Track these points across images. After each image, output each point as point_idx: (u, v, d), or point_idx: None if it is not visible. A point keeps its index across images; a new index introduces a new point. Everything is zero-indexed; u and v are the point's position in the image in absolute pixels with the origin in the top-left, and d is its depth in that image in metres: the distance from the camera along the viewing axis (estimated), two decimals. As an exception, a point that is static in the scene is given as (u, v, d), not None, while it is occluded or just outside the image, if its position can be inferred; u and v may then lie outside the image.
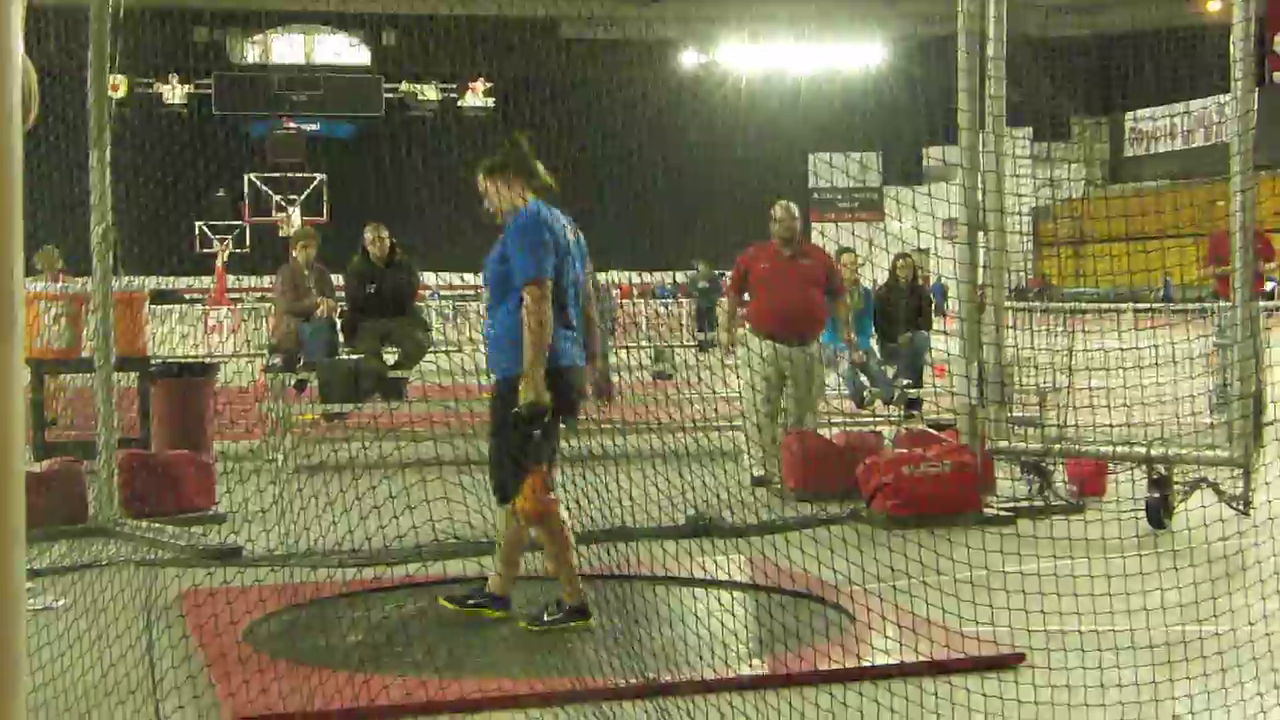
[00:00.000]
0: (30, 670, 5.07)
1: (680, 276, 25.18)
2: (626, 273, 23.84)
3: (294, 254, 12.47)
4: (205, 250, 41.43)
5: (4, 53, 1.49)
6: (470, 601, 6.37)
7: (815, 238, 22.93)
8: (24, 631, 1.82)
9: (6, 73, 1.53)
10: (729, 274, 11.70)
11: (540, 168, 6.31)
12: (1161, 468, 8.60)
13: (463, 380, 10.60)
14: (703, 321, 25.25)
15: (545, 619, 6.15)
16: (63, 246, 11.78)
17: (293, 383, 12.01)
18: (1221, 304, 11.85)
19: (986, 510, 8.85)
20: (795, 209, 10.74)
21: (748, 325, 10.64)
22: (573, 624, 6.10)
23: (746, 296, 10.87)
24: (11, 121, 1.52)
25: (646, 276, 25.38)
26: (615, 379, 12.79)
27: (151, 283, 11.65)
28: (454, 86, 50.13)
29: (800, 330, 10.38)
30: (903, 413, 12.75)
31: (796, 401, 10.42)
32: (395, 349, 11.84)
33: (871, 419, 12.45)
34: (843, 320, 11.35)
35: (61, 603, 6.51)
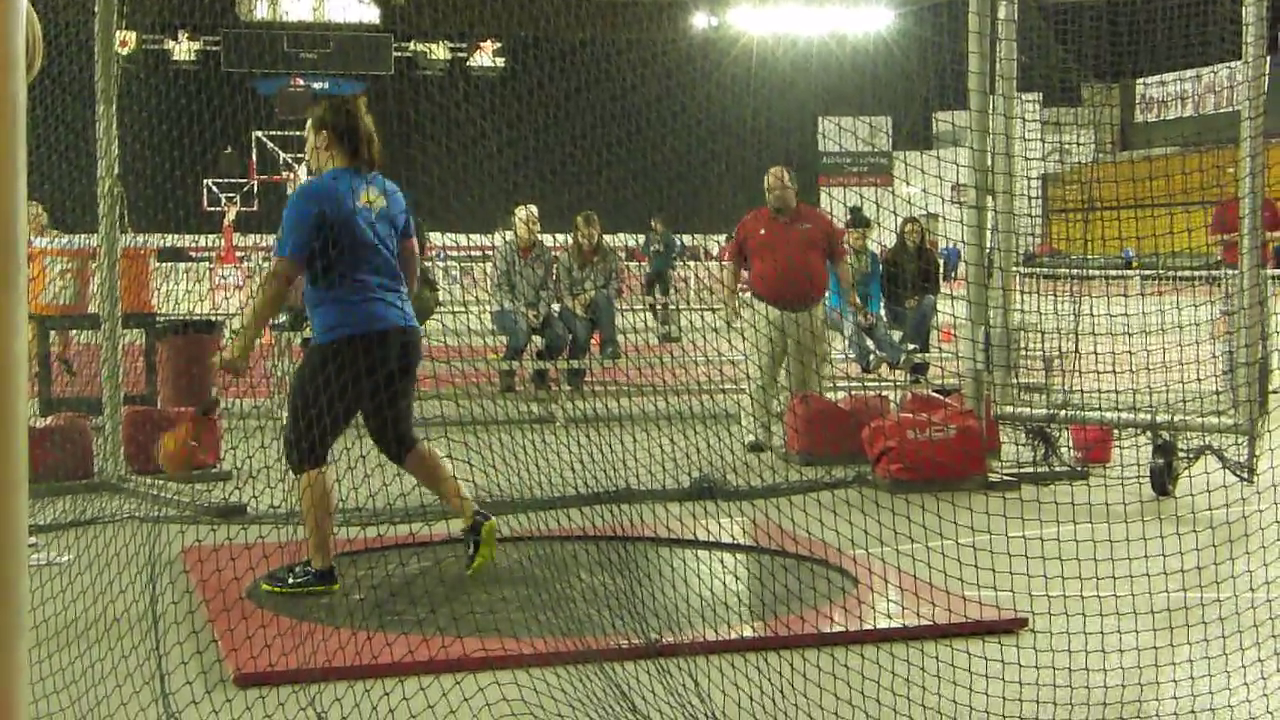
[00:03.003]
0: (33, 624, 5.09)
1: (688, 239, 24.78)
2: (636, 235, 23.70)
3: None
4: (213, 208, 41.35)
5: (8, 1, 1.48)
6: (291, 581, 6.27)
7: (824, 201, 22.82)
8: (26, 585, 1.82)
9: (10, 20, 1.52)
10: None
11: (365, 144, 6.28)
12: (1166, 434, 8.60)
13: (469, 341, 10.61)
14: (652, 287, 23.26)
15: (290, 581, 6.19)
16: (69, 203, 11.76)
17: (298, 341, 12.01)
18: (1230, 271, 11.82)
19: (991, 475, 8.85)
20: (787, 174, 10.62)
21: (750, 292, 10.61)
22: (319, 588, 6.15)
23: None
24: (15, 70, 1.51)
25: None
26: (621, 340, 12.79)
27: (158, 240, 11.61)
28: (464, 46, 49.91)
29: (800, 295, 10.34)
30: (909, 377, 12.75)
31: (799, 367, 10.41)
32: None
33: (877, 383, 12.45)
34: (845, 283, 11.32)
35: (65, 558, 6.53)
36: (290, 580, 6.20)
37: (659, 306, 22.52)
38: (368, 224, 6.20)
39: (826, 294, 11.08)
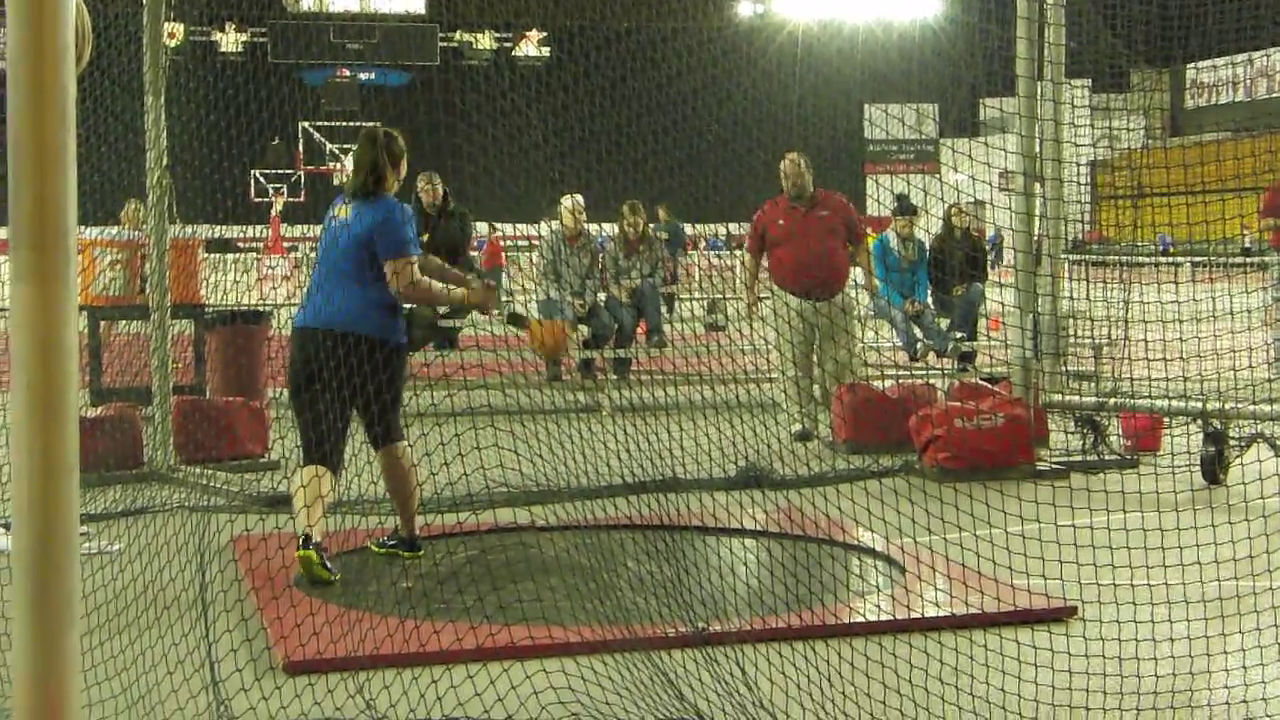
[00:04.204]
0: (84, 612, 5.13)
1: (734, 227, 24.61)
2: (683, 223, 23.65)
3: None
4: (261, 199, 41.60)
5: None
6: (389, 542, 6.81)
7: (870, 188, 22.63)
8: (78, 574, 1.83)
9: (60, 13, 1.53)
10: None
11: (357, 172, 6.80)
12: (1217, 422, 8.52)
13: (515, 330, 10.62)
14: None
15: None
16: (118, 194, 11.85)
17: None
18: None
19: (1039, 464, 8.80)
20: (803, 161, 10.51)
21: (773, 282, 10.54)
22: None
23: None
24: (65, 62, 1.52)
25: (699, 227, 25.01)
26: (668, 329, 12.78)
27: (206, 231, 11.70)
28: (509, 36, 50.02)
29: (824, 284, 10.27)
30: (956, 365, 12.68)
31: (832, 357, 10.35)
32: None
33: (925, 371, 12.39)
34: (863, 266, 11.25)
35: (116, 547, 6.58)
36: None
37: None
38: (330, 232, 6.68)
39: (860, 281, 10.99)
